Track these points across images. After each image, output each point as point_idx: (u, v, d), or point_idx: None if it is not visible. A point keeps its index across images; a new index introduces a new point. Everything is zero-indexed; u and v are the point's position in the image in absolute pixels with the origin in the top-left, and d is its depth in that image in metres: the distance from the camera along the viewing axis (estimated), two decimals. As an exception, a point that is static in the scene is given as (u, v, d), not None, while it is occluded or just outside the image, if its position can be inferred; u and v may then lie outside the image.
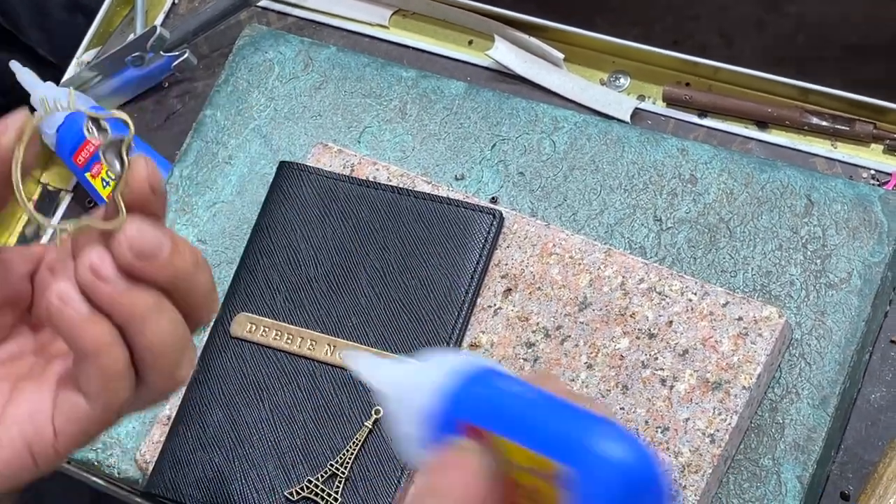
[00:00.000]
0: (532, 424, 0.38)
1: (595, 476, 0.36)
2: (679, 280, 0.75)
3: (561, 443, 0.36)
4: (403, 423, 0.42)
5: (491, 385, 0.40)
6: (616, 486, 0.36)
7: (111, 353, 0.49)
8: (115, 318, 0.49)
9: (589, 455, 0.36)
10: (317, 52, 0.90)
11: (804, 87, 0.83)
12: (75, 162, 0.93)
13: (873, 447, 0.75)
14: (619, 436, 0.36)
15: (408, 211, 0.80)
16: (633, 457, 0.36)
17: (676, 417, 0.72)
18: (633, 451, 0.36)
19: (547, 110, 0.84)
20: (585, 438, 0.36)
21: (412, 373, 0.42)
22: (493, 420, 0.39)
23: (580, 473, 0.36)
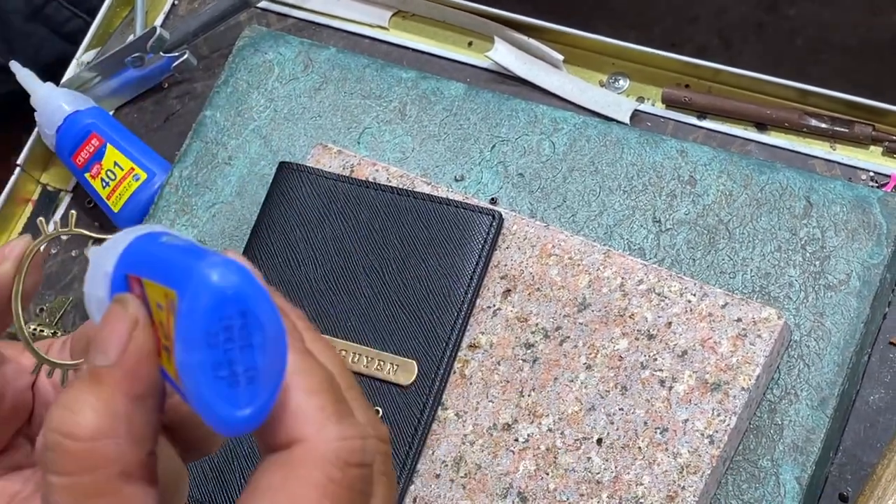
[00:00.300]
0: (164, 263, 0.41)
1: (188, 294, 0.39)
2: (678, 281, 0.75)
3: (177, 273, 0.40)
4: (93, 289, 0.45)
5: (152, 240, 0.44)
6: (201, 300, 0.39)
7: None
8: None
9: (189, 279, 0.39)
10: (317, 53, 0.91)
11: (803, 89, 0.83)
12: (75, 162, 0.93)
13: (872, 449, 0.75)
14: (215, 263, 0.40)
15: (407, 211, 0.80)
16: (222, 277, 0.39)
17: (675, 418, 0.72)
18: (224, 274, 0.39)
19: (546, 112, 0.84)
20: (192, 267, 0.40)
21: (106, 245, 0.46)
22: (142, 266, 0.43)
23: (180, 294, 0.39)
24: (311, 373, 0.43)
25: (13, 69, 0.96)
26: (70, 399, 0.42)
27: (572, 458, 0.73)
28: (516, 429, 0.74)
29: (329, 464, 0.41)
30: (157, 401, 0.43)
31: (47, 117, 0.94)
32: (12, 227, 0.98)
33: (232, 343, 0.40)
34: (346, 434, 0.42)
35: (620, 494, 0.71)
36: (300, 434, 0.42)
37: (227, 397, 0.40)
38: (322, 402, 0.42)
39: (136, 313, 0.43)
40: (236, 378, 0.40)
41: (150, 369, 0.43)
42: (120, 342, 0.42)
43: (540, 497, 0.72)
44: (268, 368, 0.41)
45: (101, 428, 0.42)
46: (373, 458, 0.43)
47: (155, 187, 0.91)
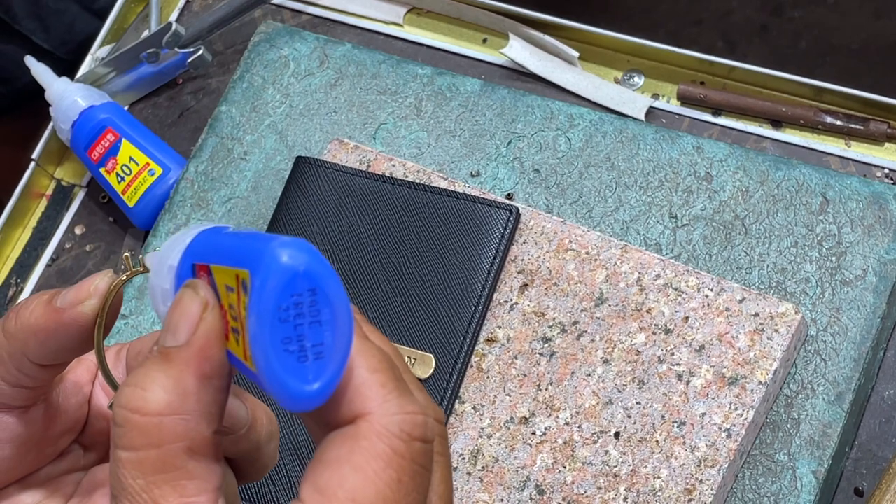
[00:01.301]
0: (233, 249, 0.43)
1: (261, 271, 0.41)
2: (695, 276, 0.75)
3: (250, 254, 0.42)
4: (159, 283, 0.47)
5: (217, 232, 0.46)
6: (274, 276, 0.41)
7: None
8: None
9: (262, 257, 0.41)
10: (332, 49, 0.91)
11: (818, 86, 0.84)
12: (90, 157, 0.93)
13: (887, 444, 0.75)
14: (289, 244, 0.41)
15: (425, 206, 0.80)
16: (293, 256, 0.41)
17: (693, 412, 0.72)
18: (295, 254, 0.41)
19: (562, 108, 0.84)
20: (265, 247, 0.41)
21: (169, 242, 0.48)
22: (211, 254, 0.44)
23: (252, 272, 0.41)
24: (372, 353, 0.44)
25: (28, 64, 0.97)
26: (139, 377, 0.43)
27: (590, 451, 0.73)
28: (533, 422, 0.75)
29: (393, 436, 0.42)
30: (225, 381, 0.44)
31: (62, 112, 0.94)
32: (26, 221, 0.98)
33: (302, 319, 0.41)
34: (408, 409, 0.43)
35: (638, 488, 0.71)
36: (364, 408, 0.43)
37: (295, 372, 0.41)
38: (384, 380, 0.43)
39: (206, 296, 0.44)
40: (305, 353, 0.41)
41: (219, 350, 0.44)
42: (190, 323, 0.44)
43: (557, 490, 0.73)
44: (334, 345, 0.42)
45: (169, 404, 0.43)
46: (433, 435, 0.44)
47: (170, 182, 0.91)
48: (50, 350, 0.50)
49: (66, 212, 0.97)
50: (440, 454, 0.45)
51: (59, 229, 0.97)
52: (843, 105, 0.84)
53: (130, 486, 0.43)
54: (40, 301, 0.50)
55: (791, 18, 1.82)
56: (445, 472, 0.45)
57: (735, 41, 1.80)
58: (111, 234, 0.95)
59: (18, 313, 0.50)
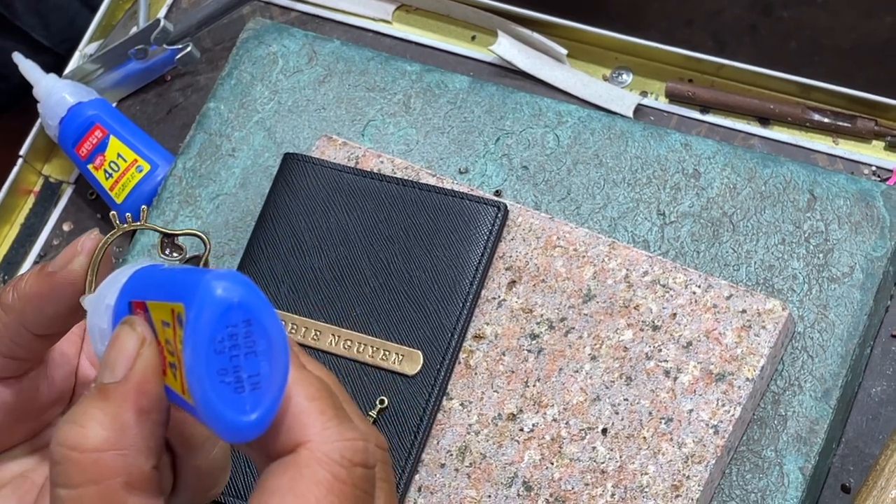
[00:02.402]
0: (168, 284, 0.44)
1: (196, 303, 0.41)
2: (683, 273, 0.75)
3: (185, 288, 0.42)
4: (97, 322, 0.48)
5: (154, 269, 0.47)
6: (208, 307, 0.41)
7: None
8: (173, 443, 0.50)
9: (196, 290, 0.41)
10: (321, 45, 0.91)
11: (806, 84, 0.84)
12: (78, 154, 0.93)
13: (874, 440, 0.75)
14: (222, 276, 0.42)
15: (413, 203, 0.80)
16: (227, 289, 0.41)
17: (680, 408, 0.72)
18: (229, 286, 0.42)
19: (551, 105, 0.84)
20: (199, 280, 0.42)
21: (105, 283, 0.48)
22: (147, 290, 0.45)
23: (187, 304, 0.42)
24: (310, 382, 0.44)
25: (16, 61, 0.96)
26: (77, 414, 0.44)
27: (577, 447, 0.73)
28: (521, 419, 0.75)
29: (334, 462, 0.43)
30: (163, 416, 0.45)
31: (50, 109, 0.94)
32: (13, 218, 0.98)
33: (237, 350, 0.42)
34: (348, 436, 0.43)
35: (625, 484, 0.71)
36: (304, 437, 0.43)
37: (232, 402, 0.42)
38: (323, 407, 0.44)
39: (142, 332, 0.45)
40: (241, 384, 0.42)
41: (156, 384, 0.44)
42: (127, 359, 0.44)
43: (545, 486, 0.73)
44: (271, 375, 0.42)
45: (107, 440, 0.43)
46: (375, 461, 0.44)
47: (158, 179, 0.91)
48: (46, 316, 0.51)
49: (53, 208, 0.97)
50: (383, 480, 0.45)
51: (46, 226, 0.97)
52: (831, 103, 0.84)
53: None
54: (33, 271, 0.51)
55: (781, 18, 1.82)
56: (389, 497, 0.46)
57: (725, 41, 1.80)
58: (99, 231, 0.95)
59: (14, 286, 0.51)
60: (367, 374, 0.77)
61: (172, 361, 0.43)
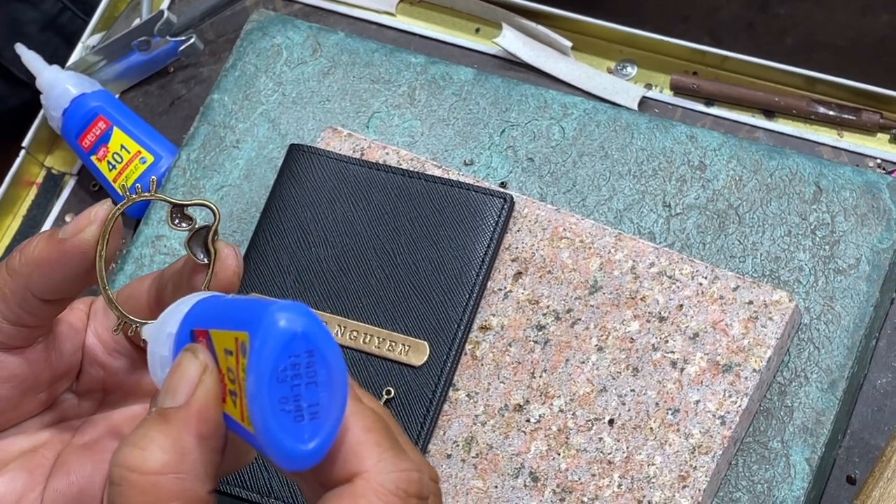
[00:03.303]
0: (233, 313, 0.45)
1: (261, 332, 0.42)
2: (689, 264, 0.75)
3: (249, 317, 0.43)
4: (158, 350, 0.49)
5: (217, 299, 0.48)
6: (273, 337, 0.42)
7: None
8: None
9: (261, 319, 0.42)
10: (325, 37, 0.91)
11: (811, 77, 0.84)
12: (81, 145, 0.93)
13: (879, 432, 0.75)
14: (287, 307, 0.43)
15: (419, 194, 0.80)
16: (291, 319, 0.42)
17: (687, 399, 0.72)
18: (293, 317, 0.42)
19: (556, 97, 0.84)
20: (264, 310, 0.43)
21: (167, 312, 0.49)
22: (210, 319, 0.46)
23: (252, 333, 0.42)
24: (366, 414, 0.45)
25: (18, 52, 0.96)
26: (138, 437, 0.44)
27: (584, 438, 0.73)
28: (528, 409, 0.75)
29: (389, 493, 0.43)
30: (220, 443, 0.45)
31: (53, 100, 0.94)
32: (16, 210, 0.97)
33: (299, 380, 0.43)
34: (403, 467, 0.44)
35: (632, 474, 0.71)
36: (360, 467, 0.44)
37: (292, 431, 0.43)
38: (379, 439, 0.45)
39: (205, 359, 0.45)
40: (301, 413, 0.43)
41: (216, 412, 0.45)
42: (189, 385, 0.45)
43: (551, 477, 0.73)
44: (330, 405, 0.43)
45: (166, 463, 0.44)
46: (428, 492, 0.45)
47: (162, 170, 0.91)
48: (54, 282, 0.51)
49: (56, 200, 0.97)
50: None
51: (49, 218, 0.96)
52: (836, 95, 0.84)
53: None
54: (43, 236, 0.51)
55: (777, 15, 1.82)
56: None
57: (721, 38, 1.80)
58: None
59: (22, 250, 0.51)
60: (373, 364, 0.77)
61: (233, 389, 0.44)
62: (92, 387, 0.56)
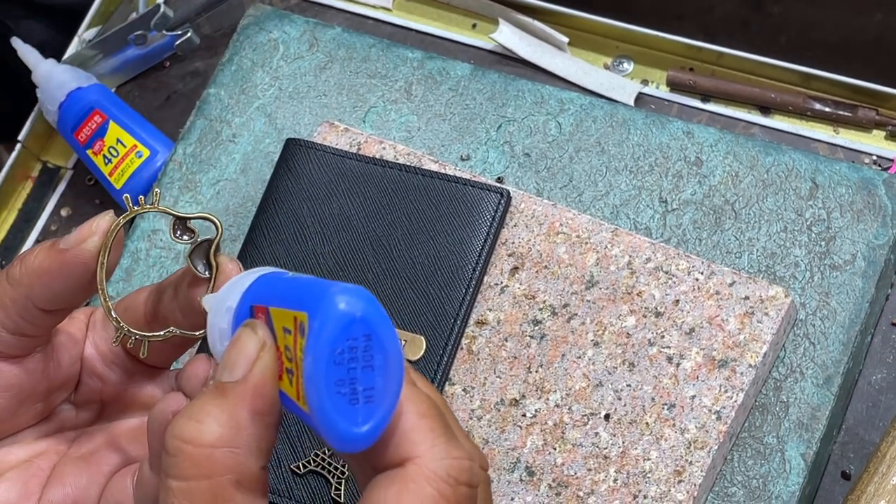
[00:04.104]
0: (293, 292, 0.45)
1: (320, 314, 0.42)
2: (686, 260, 0.75)
3: (310, 298, 0.43)
4: (217, 322, 0.49)
5: (278, 276, 0.48)
6: (332, 319, 0.42)
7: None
8: None
9: (322, 301, 0.43)
10: (322, 32, 0.91)
11: (807, 73, 0.84)
12: (77, 139, 0.93)
13: (874, 428, 0.75)
14: (348, 290, 0.43)
15: (415, 189, 0.80)
16: (351, 303, 0.43)
17: (683, 394, 0.72)
18: (353, 300, 0.43)
19: (553, 92, 0.85)
20: (325, 292, 0.43)
21: (228, 285, 0.50)
22: (271, 297, 0.46)
23: (311, 314, 0.43)
24: (420, 399, 0.45)
25: (14, 45, 0.96)
26: (195, 410, 0.45)
27: (580, 433, 0.73)
28: (524, 404, 0.75)
29: (440, 480, 0.44)
30: (275, 419, 0.46)
31: (49, 94, 0.94)
32: (12, 203, 0.97)
33: (355, 363, 0.43)
34: (455, 454, 0.44)
35: (628, 469, 0.72)
36: (412, 452, 0.44)
37: (346, 413, 0.43)
38: (432, 425, 0.45)
39: (264, 336, 0.45)
40: (356, 396, 0.43)
41: (272, 389, 0.45)
42: (247, 361, 0.45)
43: (547, 471, 0.73)
44: (385, 390, 0.44)
45: (221, 437, 0.44)
46: (478, 481, 0.45)
47: (157, 164, 0.91)
48: (54, 292, 0.50)
49: (52, 194, 0.97)
50: (484, 501, 0.46)
51: (45, 211, 0.96)
52: (832, 92, 0.84)
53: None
54: (44, 246, 0.51)
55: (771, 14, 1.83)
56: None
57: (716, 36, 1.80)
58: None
59: (23, 259, 0.51)
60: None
61: (290, 367, 0.44)
62: (90, 398, 0.56)
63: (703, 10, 1.83)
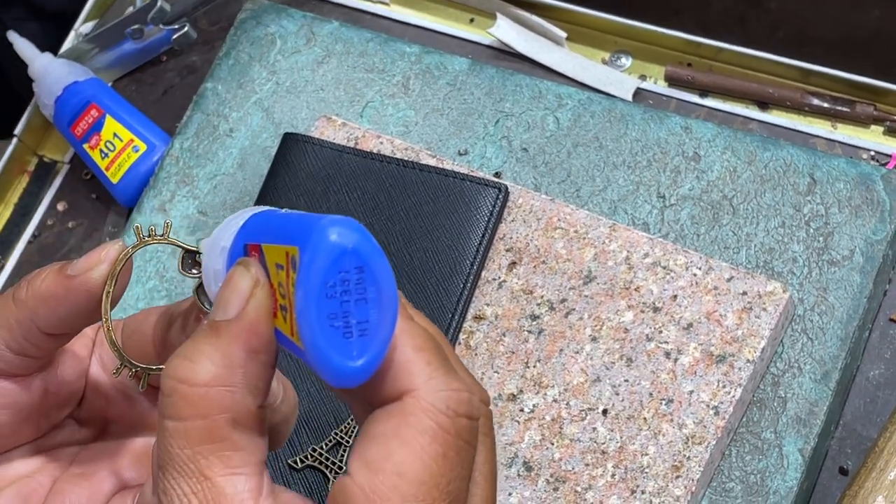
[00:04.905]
0: (284, 228, 0.44)
1: (310, 247, 0.42)
2: (683, 255, 0.75)
3: (300, 231, 0.43)
4: (212, 264, 0.48)
5: (271, 213, 0.47)
6: (322, 251, 0.41)
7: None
8: None
9: (311, 234, 0.42)
10: (319, 26, 0.91)
11: (805, 69, 0.84)
12: (73, 133, 0.93)
13: (872, 423, 0.75)
14: (338, 222, 0.42)
15: (413, 184, 0.80)
16: (342, 234, 0.42)
17: (681, 390, 0.72)
18: (344, 231, 0.42)
19: (551, 87, 0.84)
20: (315, 224, 0.42)
21: (222, 225, 0.49)
22: (263, 233, 0.45)
23: (302, 248, 0.42)
24: (417, 332, 0.45)
25: (10, 39, 0.96)
26: (189, 349, 0.44)
27: (577, 428, 0.73)
28: (521, 399, 0.75)
29: (439, 412, 0.43)
30: (271, 357, 0.45)
31: (46, 88, 0.94)
32: (8, 198, 0.97)
33: (348, 296, 0.42)
34: (453, 386, 0.44)
35: (626, 464, 0.72)
36: (410, 385, 0.43)
37: (340, 347, 0.42)
38: (429, 357, 0.44)
39: (256, 273, 0.45)
40: (349, 329, 0.42)
41: (267, 325, 0.45)
42: (241, 299, 0.45)
43: (545, 466, 0.73)
44: (379, 323, 0.43)
45: (216, 376, 0.44)
46: (479, 413, 0.44)
47: (154, 159, 0.91)
48: (59, 317, 0.50)
49: (48, 188, 0.97)
50: (485, 434, 0.46)
51: (41, 206, 0.96)
52: (830, 87, 0.84)
53: (177, 455, 0.43)
54: (52, 269, 0.51)
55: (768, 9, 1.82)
56: (489, 452, 0.46)
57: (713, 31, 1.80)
58: (94, 210, 0.94)
59: (30, 282, 0.50)
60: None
61: (284, 304, 0.44)
62: (93, 415, 0.56)
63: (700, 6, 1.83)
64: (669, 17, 1.81)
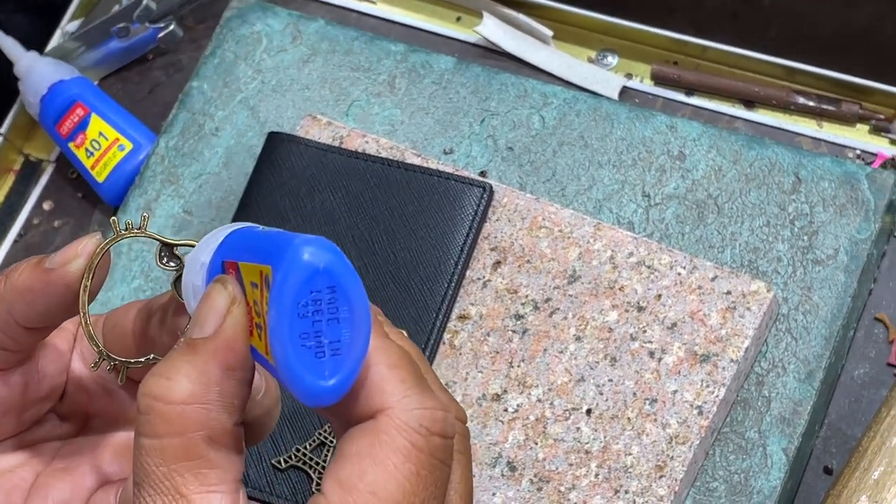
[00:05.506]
0: (260, 246, 0.45)
1: (283, 266, 0.42)
2: (668, 254, 0.75)
3: (273, 250, 0.43)
4: (191, 279, 0.48)
5: (249, 230, 0.47)
6: (294, 270, 0.42)
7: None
8: None
9: (284, 253, 0.42)
10: (305, 25, 0.90)
11: (791, 67, 0.84)
12: (59, 132, 0.92)
13: (856, 422, 0.75)
14: (309, 241, 0.42)
15: (398, 183, 0.80)
16: (314, 254, 0.42)
17: (664, 389, 0.72)
18: (316, 251, 0.42)
19: (536, 86, 0.84)
20: (288, 244, 0.42)
21: (202, 241, 0.49)
22: (239, 251, 0.46)
23: (275, 267, 0.42)
24: (391, 351, 0.44)
25: (-5, 37, 0.96)
26: (165, 367, 0.44)
27: (561, 428, 0.73)
28: (505, 399, 0.74)
29: (412, 430, 0.43)
30: (247, 375, 0.45)
31: (31, 86, 0.93)
32: (-5, 194, 0.97)
33: (320, 316, 0.42)
34: (427, 405, 0.44)
35: (609, 464, 0.71)
36: (383, 403, 0.43)
37: (312, 367, 0.42)
38: (403, 375, 0.44)
39: (233, 291, 0.45)
40: (322, 349, 0.42)
41: (243, 343, 0.45)
42: (217, 317, 0.45)
43: (529, 466, 0.73)
44: (352, 342, 0.43)
45: (192, 393, 0.44)
46: (454, 431, 0.44)
47: (140, 158, 0.91)
48: (37, 311, 0.50)
49: (34, 187, 0.96)
50: (461, 452, 0.46)
51: (27, 205, 0.96)
52: (816, 86, 0.84)
53: (153, 472, 0.43)
54: (29, 263, 0.51)
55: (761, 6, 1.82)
56: (466, 470, 0.46)
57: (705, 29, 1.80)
58: (80, 209, 0.94)
59: (7, 276, 0.51)
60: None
61: (259, 322, 0.44)
62: (75, 409, 0.56)
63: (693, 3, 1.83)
64: (663, 15, 1.81)
